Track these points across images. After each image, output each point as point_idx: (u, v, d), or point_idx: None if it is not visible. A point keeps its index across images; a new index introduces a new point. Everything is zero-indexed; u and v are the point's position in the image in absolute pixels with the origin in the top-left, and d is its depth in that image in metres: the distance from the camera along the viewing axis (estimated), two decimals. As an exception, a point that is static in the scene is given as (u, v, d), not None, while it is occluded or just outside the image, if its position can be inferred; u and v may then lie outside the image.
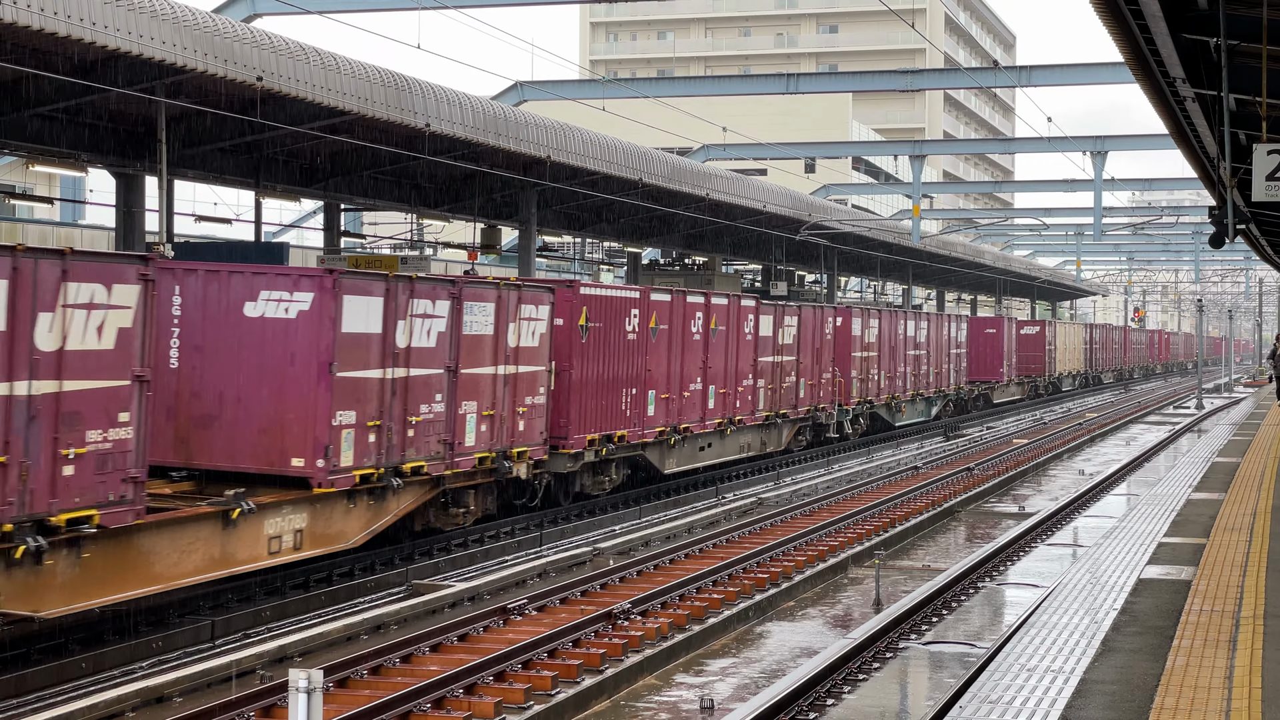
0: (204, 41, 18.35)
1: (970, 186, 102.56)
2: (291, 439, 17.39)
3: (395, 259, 31.58)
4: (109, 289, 14.16)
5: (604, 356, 25.13)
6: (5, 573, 13.05)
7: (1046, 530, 25.72)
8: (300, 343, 17.48)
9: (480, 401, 20.77)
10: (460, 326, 20.27)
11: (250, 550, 16.53)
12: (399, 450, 18.84)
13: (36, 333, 13.31)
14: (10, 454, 12.96)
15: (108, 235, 30.36)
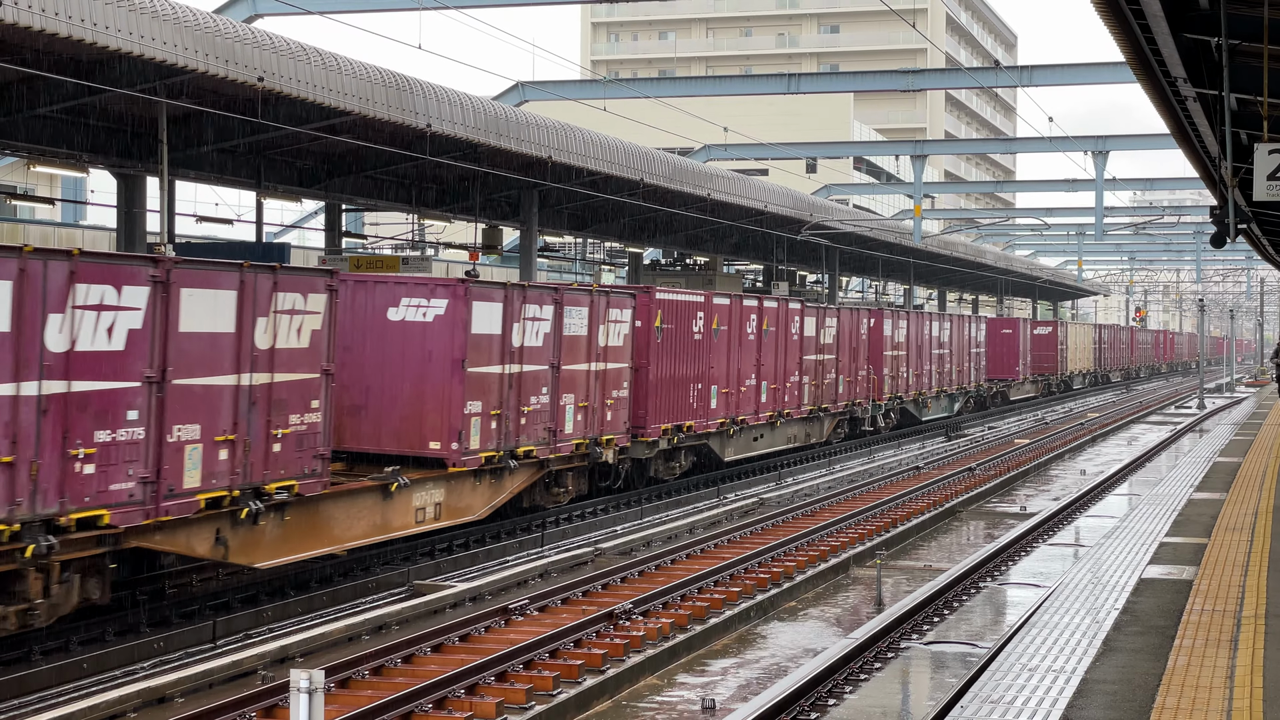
0: (205, 42, 18.35)
1: (972, 186, 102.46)
2: (429, 425, 20.26)
3: (397, 259, 31.64)
4: (305, 297, 17.08)
5: (675, 355, 27.85)
6: (233, 531, 16.15)
7: (1048, 530, 25.72)
8: (436, 343, 20.41)
9: (577, 394, 23.65)
10: (561, 328, 23.12)
11: (402, 519, 19.47)
12: (514, 436, 21.77)
13: (256, 334, 16.29)
14: (237, 433, 15.95)
15: (109, 236, 30.37)
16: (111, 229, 29.14)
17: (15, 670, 14.21)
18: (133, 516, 14.59)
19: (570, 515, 24.93)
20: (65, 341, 13.85)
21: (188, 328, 15.32)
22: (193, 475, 15.42)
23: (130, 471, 14.53)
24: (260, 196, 27.09)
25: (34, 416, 13.51)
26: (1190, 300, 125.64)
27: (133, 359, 14.63)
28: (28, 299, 13.47)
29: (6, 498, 13.22)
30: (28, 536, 13.44)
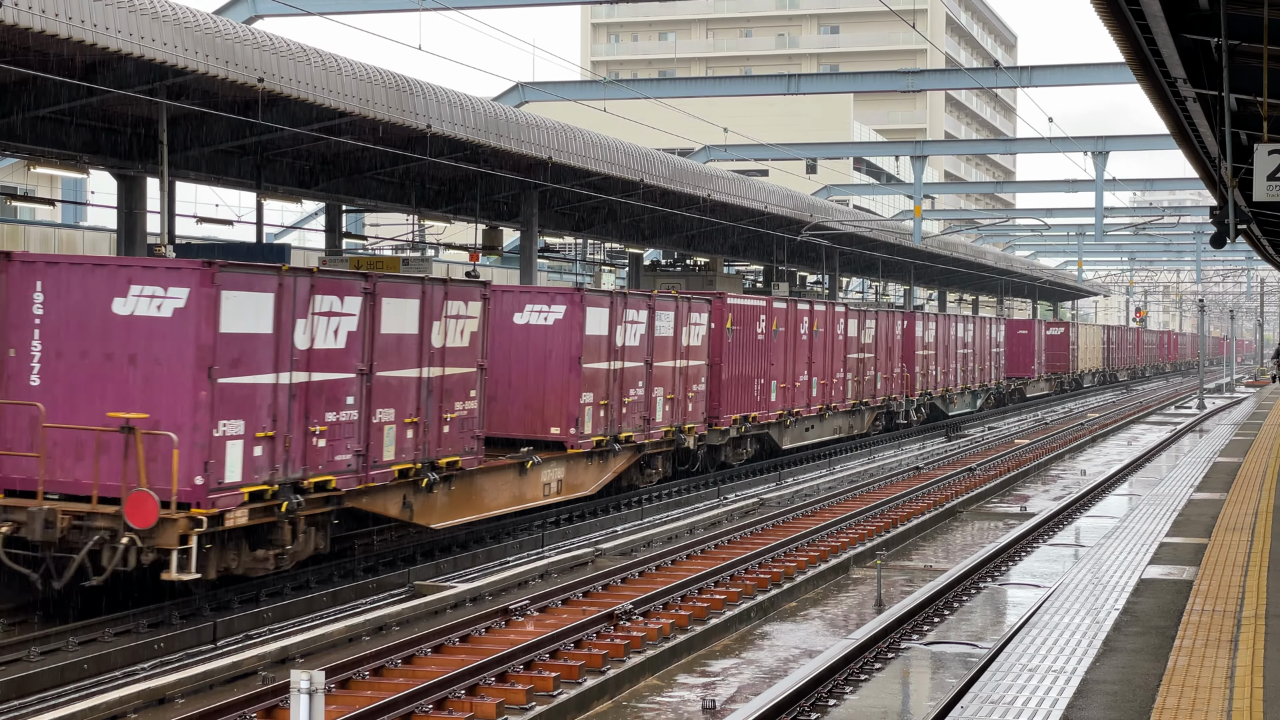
0: (205, 43, 18.36)
1: (971, 187, 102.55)
2: (550, 414, 23.82)
3: (397, 260, 31.68)
4: (466, 304, 20.36)
5: (742, 354, 31.21)
6: (415, 497, 19.42)
7: (1048, 530, 25.72)
8: (556, 343, 23.92)
9: (665, 388, 27.18)
10: (653, 330, 26.58)
11: (533, 492, 22.90)
12: (617, 424, 25.32)
13: (432, 335, 19.48)
14: (419, 416, 19.23)
15: (109, 237, 30.37)
16: (112, 230, 29.15)
17: (16, 671, 14.21)
18: (350, 482, 17.89)
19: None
20: (306, 341, 17.04)
21: (386, 330, 18.55)
22: (389, 450, 18.68)
23: (349, 446, 17.86)
24: (260, 197, 27.10)
25: (286, 400, 16.72)
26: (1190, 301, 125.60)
27: (350, 355, 17.89)
28: (283, 308, 16.61)
29: (268, 464, 16.40)
30: (283, 495, 16.62)
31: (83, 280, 16.13)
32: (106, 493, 15.49)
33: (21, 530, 15.49)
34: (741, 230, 43.18)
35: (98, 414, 15.72)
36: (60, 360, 16.07)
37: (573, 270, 55.53)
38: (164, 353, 15.73)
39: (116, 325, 15.89)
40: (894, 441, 34.78)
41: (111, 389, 15.85)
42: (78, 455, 15.77)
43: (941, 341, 48.70)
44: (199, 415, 15.56)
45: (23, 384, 16.10)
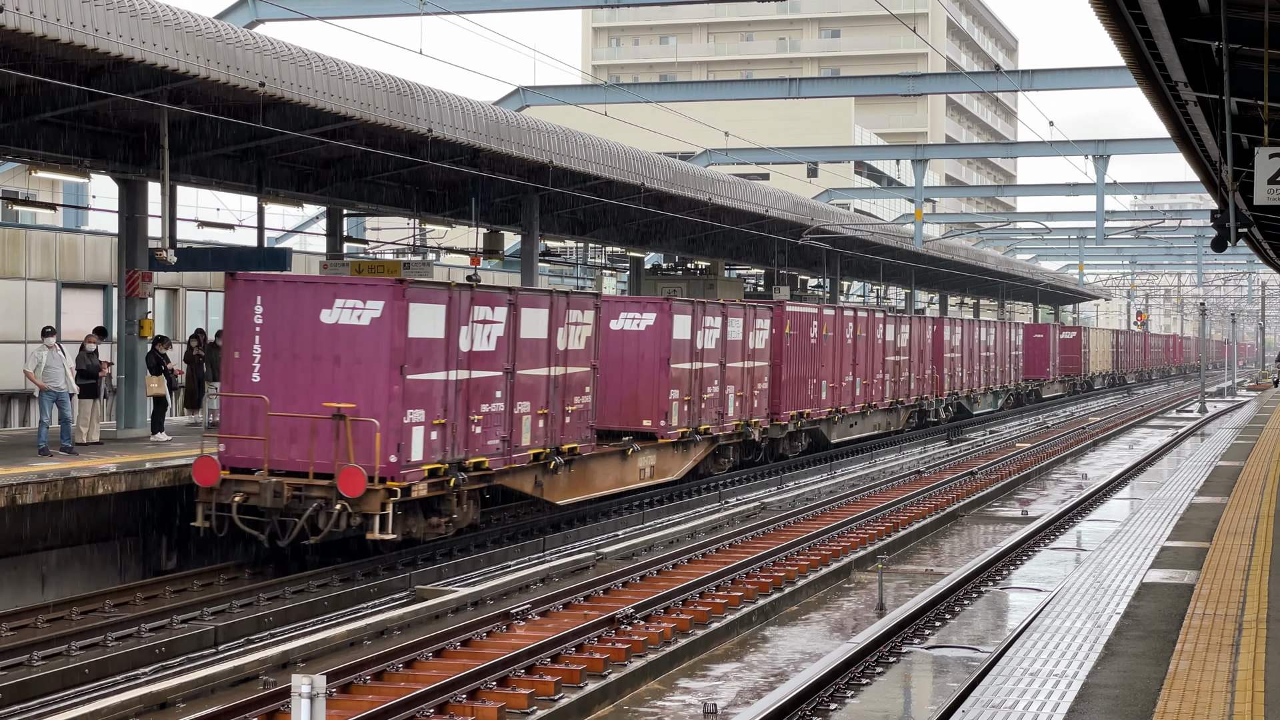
0: (206, 47, 18.37)
1: (972, 190, 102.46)
2: (643, 408, 27.04)
3: (398, 264, 31.71)
4: (583, 312, 23.68)
5: (798, 356, 34.39)
6: (544, 476, 22.74)
7: (1049, 534, 25.70)
8: (648, 346, 27.19)
9: (736, 386, 30.30)
10: (726, 335, 29.71)
11: (632, 476, 26.23)
12: (697, 418, 28.47)
13: (558, 339, 22.65)
14: (548, 409, 22.43)
15: (110, 241, 30.38)
16: (113, 234, 29.15)
17: (18, 675, 14.22)
18: (498, 463, 21.07)
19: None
20: (467, 344, 20.16)
21: (525, 335, 21.72)
22: (526, 437, 21.94)
23: (497, 433, 21.07)
24: (261, 201, 27.09)
25: (454, 394, 19.87)
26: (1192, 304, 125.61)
27: (499, 357, 21.08)
28: (452, 317, 19.75)
29: (441, 446, 19.62)
30: (451, 472, 19.78)
31: (295, 295, 19.29)
32: (320, 469, 18.64)
33: (250, 500, 18.71)
34: (742, 234, 43.18)
35: (309, 405, 18.84)
36: (276, 361, 19.11)
37: (574, 274, 55.51)
38: (364, 354, 18.88)
39: (324, 332, 19.03)
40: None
41: (320, 384, 18.90)
42: (292, 438, 18.91)
43: (966, 345, 51.98)
44: (393, 405, 18.76)
45: (246, 381, 19.22)
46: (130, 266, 23.89)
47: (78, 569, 19.34)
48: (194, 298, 35.30)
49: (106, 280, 31.47)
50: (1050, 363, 68.94)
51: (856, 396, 38.71)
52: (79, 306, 31.38)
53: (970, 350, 52.61)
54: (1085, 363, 77.06)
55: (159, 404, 23.53)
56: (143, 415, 23.77)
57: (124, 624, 16.30)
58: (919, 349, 45.45)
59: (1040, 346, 67.69)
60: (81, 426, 21.75)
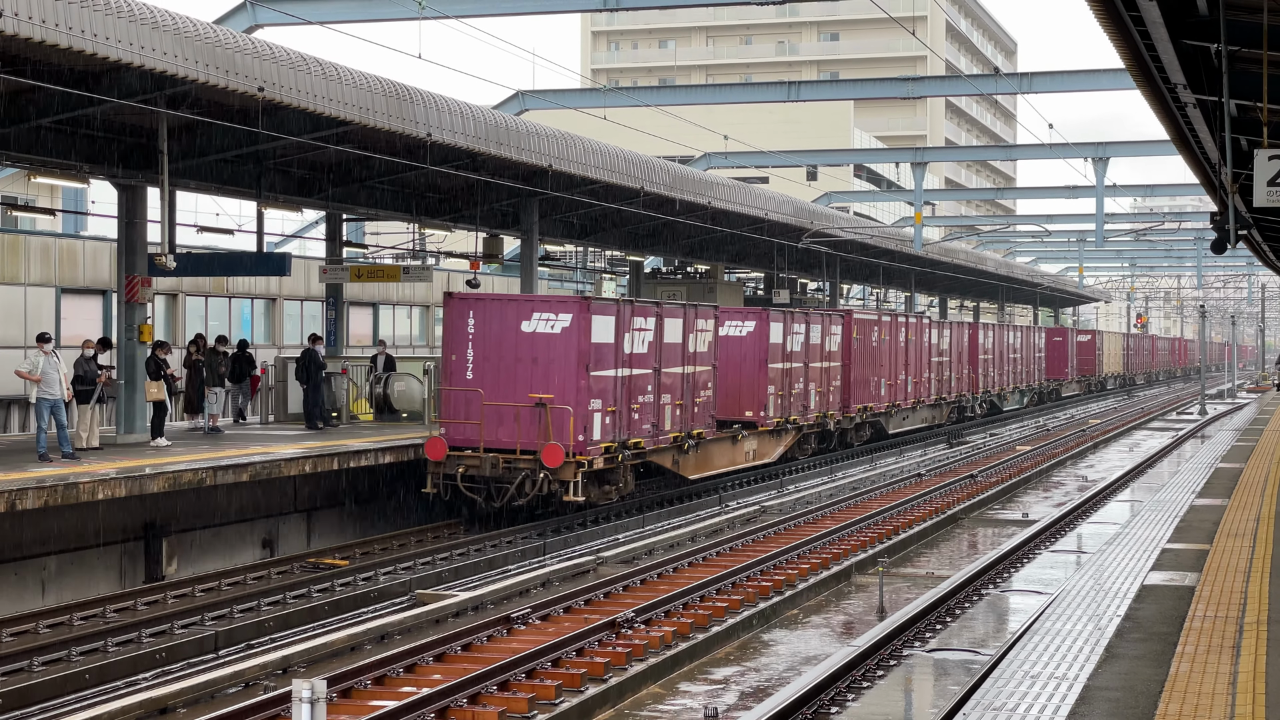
0: (205, 52, 18.37)
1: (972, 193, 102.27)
2: (745, 401, 31.82)
3: (397, 269, 31.74)
4: (706, 320, 28.53)
5: (862, 358, 38.88)
6: (678, 455, 27.35)
7: (1050, 537, 25.68)
8: (749, 349, 32.07)
9: (816, 384, 35.44)
10: (809, 339, 34.78)
11: (739, 457, 31.11)
12: (788, 410, 33.45)
13: (689, 343, 27.45)
14: (683, 400, 27.27)
15: (110, 247, 30.39)
16: (112, 239, 29.15)
17: (18, 680, 14.21)
18: (649, 444, 25.91)
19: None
20: (628, 347, 25.00)
21: (667, 340, 26.56)
22: (667, 423, 26.69)
23: (648, 419, 25.96)
24: (260, 206, 27.11)
25: (621, 387, 24.80)
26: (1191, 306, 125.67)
27: (650, 358, 25.90)
28: (620, 326, 24.62)
29: (612, 429, 24.52)
30: (618, 450, 24.74)
31: (500, 309, 24.35)
32: (525, 447, 23.55)
33: (470, 471, 23.63)
34: (742, 237, 43.18)
35: (514, 396, 23.79)
36: (486, 362, 24.03)
37: (573, 278, 55.50)
38: (557, 356, 23.74)
39: (524, 339, 23.88)
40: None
41: (522, 380, 23.82)
42: (500, 422, 23.80)
43: (997, 348, 56.75)
44: (580, 396, 23.73)
45: (461, 378, 24.09)
46: (129, 272, 23.89)
47: (77, 574, 19.35)
48: (193, 303, 35.31)
49: (106, 285, 31.48)
50: (1069, 364, 73.30)
51: (908, 393, 43.46)
52: (78, 312, 31.39)
53: (1000, 352, 57.24)
54: (1100, 364, 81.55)
55: (159, 409, 23.53)
56: (142, 420, 23.77)
57: (125, 629, 16.29)
58: (957, 351, 50.16)
59: (1060, 349, 71.98)
60: (81, 432, 21.75)
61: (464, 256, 36.52)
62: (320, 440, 24.51)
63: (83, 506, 18.44)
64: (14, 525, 18.11)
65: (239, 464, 20.57)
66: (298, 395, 27.98)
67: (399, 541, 23.31)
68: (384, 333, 43.31)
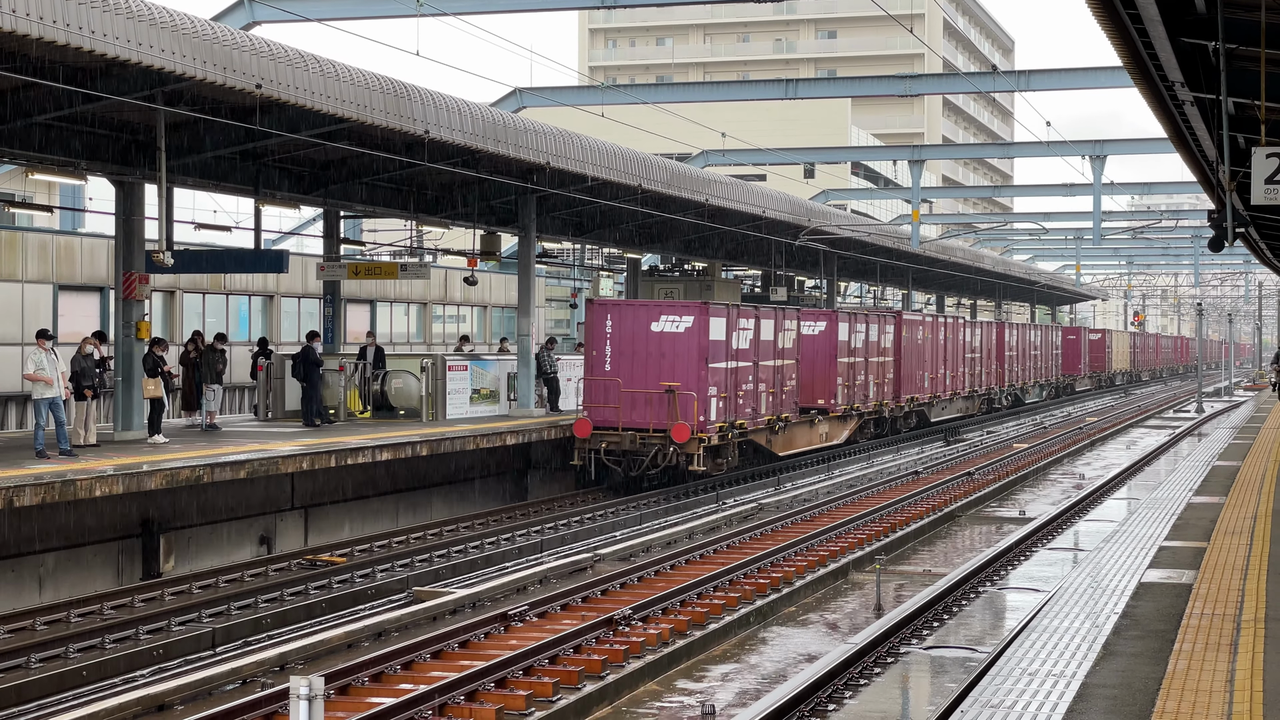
0: (203, 49, 18.35)
1: (969, 191, 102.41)
2: (818, 390, 36.35)
3: (395, 266, 31.72)
4: (790, 320, 33.80)
5: (910, 353, 43.66)
6: (770, 435, 32.28)
7: (1047, 535, 25.69)
8: (820, 346, 36.48)
9: (874, 376, 40.02)
10: (868, 337, 39.64)
11: (816, 439, 36.35)
12: (852, 399, 38.25)
13: (777, 340, 32.43)
14: (774, 389, 32.13)
15: (107, 244, 30.37)
16: (109, 236, 29.13)
17: (15, 677, 14.21)
18: (750, 425, 30.87)
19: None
20: (735, 344, 29.88)
21: (762, 338, 31.51)
22: (763, 408, 31.75)
23: (749, 404, 30.89)
24: (258, 203, 27.09)
25: (730, 377, 29.64)
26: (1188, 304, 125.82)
27: (750, 352, 30.86)
28: (729, 325, 29.60)
29: (722, 412, 29.31)
30: (728, 430, 29.53)
31: (633, 312, 29.35)
32: (657, 426, 28.41)
33: (611, 446, 28.59)
34: (739, 235, 43.17)
35: (645, 384, 28.67)
36: (621, 357, 28.91)
37: (570, 275, 55.48)
38: (681, 350, 28.61)
39: (653, 337, 28.77)
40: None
41: (652, 371, 28.70)
42: (632, 406, 28.67)
43: (1020, 345, 61.83)
44: (701, 384, 28.60)
45: (601, 370, 29.03)
46: (127, 269, 23.87)
47: (75, 571, 19.35)
48: (191, 300, 35.29)
49: (103, 283, 31.45)
50: (1082, 360, 78.46)
51: (947, 386, 48.50)
52: (76, 309, 31.37)
53: (1023, 350, 62.52)
54: (1109, 361, 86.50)
55: (156, 406, 23.52)
56: (140, 417, 23.76)
57: (122, 626, 16.29)
58: (987, 348, 55.24)
59: (1074, 347, 77.31)
60: (79, 429, 21.73)
61: (461, 254, 36.54)
62: (317, 437, 24.51)
63: (80, 503, 18.43)
64: (12, 522, 18.11)
65: (236, 461, 20.57)
66: (295, 393, 27.96)
67: (397, 539, 23.32)
68: (381, 330, 43.29)
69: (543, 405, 31.66)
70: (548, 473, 30.52)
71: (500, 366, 31.52)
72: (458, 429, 26.83)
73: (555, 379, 32.14)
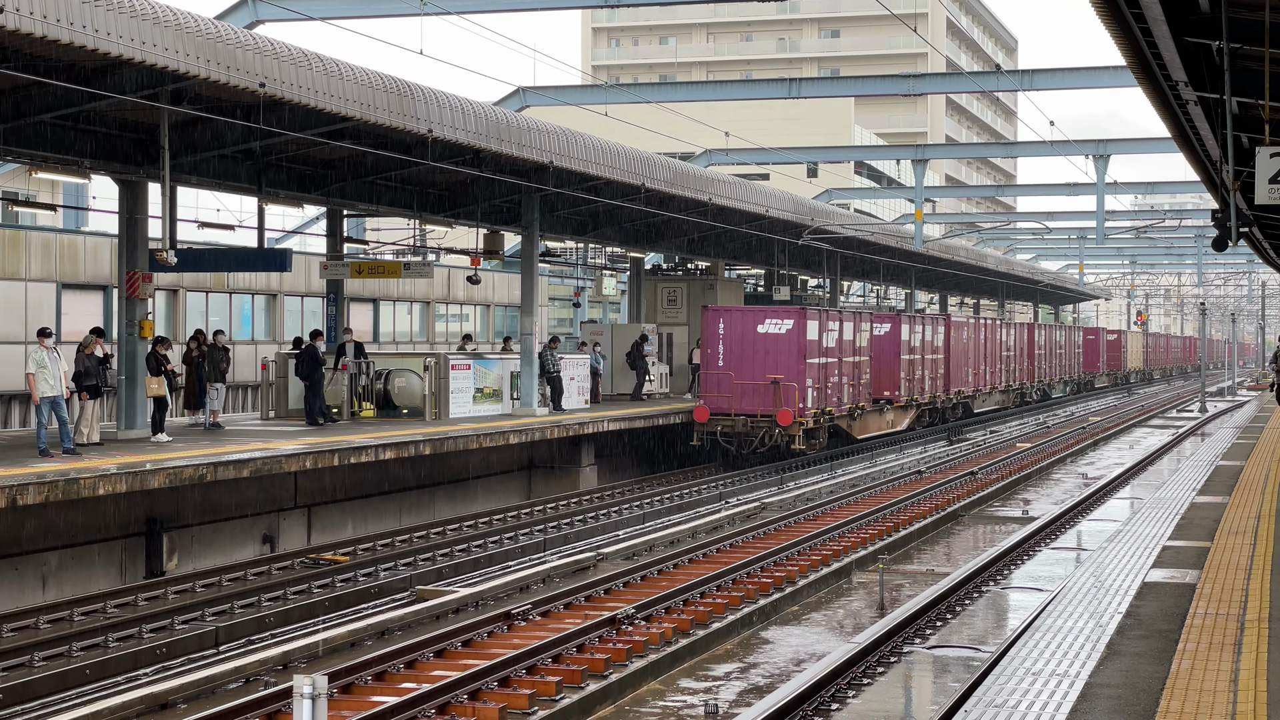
0: (207, 48, 18.35)
1: (973, 190, 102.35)
2: (884, 384, 41.78)
3: (398, 265, 31.74)
4: (864, 322, 39.31)
5: (957, 352, 49.16)
6: (850, 421, 37.75)
7: (1050, 534, 25.68)
8: (886, 344, 41.95)
9: (928, 372, 45.75)
10: (924, 337, 45.27)
11: (885, 424, 41.75)
12: (911, 391, 43.47)
13: (855, 339, 38.34)
14: (853, 382, 37.92)
15: (110, 242, 30.38)
16: (113, 235, 29.13)
17: (18, 676, 14.22)
18: (835, 412, 36.33)
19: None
20: (824, 343, 35.44)
21: (845, 337, 37.19)
22: (845, 397, 37.45)
23: (835, 394, 36.26)
24: (261, 202, 27.08)
25: (821, 372, 35.07)
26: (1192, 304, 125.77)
27: (836, 350, 36.32)
28: (821, 327, 35.23)
29: (816, 400, 34.71)
30: (820, 416, 34.84)
31: (742, 316, 35.13)
32: (764, 412, 34.13)
33: (725, 429, 34.36)
34: (743, 234, 43.16)
35: (754, 377, 34.29)
36: (732, 354, 34.52)
37: (574, 275, 55.47)
38: (783, 348, 34.31)
39: (759, 337, 34.44)
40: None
41: (758, 366, 34.35)
42: (742, 395, 34.28)
43: (1047, 345, 67.54)
44: (800, 376, 34.23)
45: (715, 365, 34.69)
46: (130, 267, 23.88)
47: (78, 569, 19.36)
48: (194, 298, 35.30)
49: (107, 281, 31.47)
50: (1100, 359, 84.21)
51: (987, 380, 54.58)
52: (79, 307, 31.38)
53: (1050, 349, 68.29)
54: (1124, 359, 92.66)
55: (159, 405, 23.53)
56: (143, 416, 23.77)
57: (125, 624, 16.30)
58: (1020, 348, 61.10)
59: (1094, 346, 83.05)
60: (82, 427, 21.74)
61: (464, 253, 36.51)
62: (321, 436, 24.52)
63: (84, 502, 18.45)
64: (15, 520, 18.12)
65: (240, 459, 20.58)
66: (298, 391, 27.97)
67: (400, 538, 23.33)
68: (384, 329, 43.29)
69: (546, 404, 31.66)
70: (551, 472, 30.53)
71: (503, 365, 31.50)
72: (461, 428, 26.83)
73: (558, 378, 32.15)
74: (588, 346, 37.79)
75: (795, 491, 31.07)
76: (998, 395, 57.47)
